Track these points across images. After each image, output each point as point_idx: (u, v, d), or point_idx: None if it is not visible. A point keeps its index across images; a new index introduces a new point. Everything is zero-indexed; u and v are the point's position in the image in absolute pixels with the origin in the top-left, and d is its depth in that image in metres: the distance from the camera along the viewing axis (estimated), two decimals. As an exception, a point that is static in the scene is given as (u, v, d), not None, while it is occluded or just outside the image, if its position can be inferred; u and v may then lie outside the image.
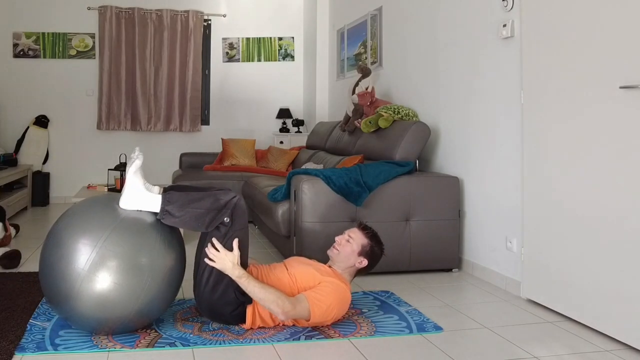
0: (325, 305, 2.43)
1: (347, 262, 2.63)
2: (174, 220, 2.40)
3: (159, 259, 2.33)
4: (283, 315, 2.38)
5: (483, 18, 3.48)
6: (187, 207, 2.40)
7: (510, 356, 2.28)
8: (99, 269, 2.22)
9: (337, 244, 2.66)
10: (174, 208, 2.39)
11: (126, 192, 2.42)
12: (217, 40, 7.05)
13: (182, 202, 2.40)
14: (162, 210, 2.39)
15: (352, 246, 2.62)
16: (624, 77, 2.37)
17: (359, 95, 4.52)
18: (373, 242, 2.65)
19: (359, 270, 2.66)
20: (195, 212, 2.40)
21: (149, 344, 2.32)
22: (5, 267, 3.52)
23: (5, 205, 4.69)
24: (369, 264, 2.64)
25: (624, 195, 2.38)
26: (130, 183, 2.43)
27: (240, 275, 2.37)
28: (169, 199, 2.41)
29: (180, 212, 2.39)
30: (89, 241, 2.24)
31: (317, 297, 2.44)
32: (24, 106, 6.58)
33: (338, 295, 2.49)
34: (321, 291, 2.46)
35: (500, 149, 3.32)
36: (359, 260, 2.62)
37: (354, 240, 2.63)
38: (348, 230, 2.72)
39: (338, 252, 2.64)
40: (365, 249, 2.62)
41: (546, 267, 2.84)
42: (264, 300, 2.36)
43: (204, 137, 6.98)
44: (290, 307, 2.36)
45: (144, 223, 2.37)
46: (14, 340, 2.30)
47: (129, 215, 2.37)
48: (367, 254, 2.63)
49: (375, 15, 5.17)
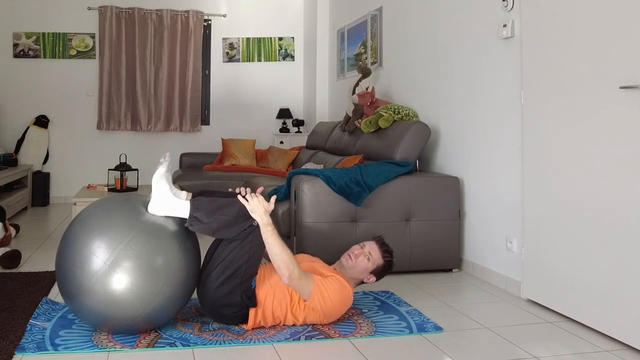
0: (327, 295, 2.46)
1: (358, 276, 2.65)
2: (202, 227, 2.40)
3: (177, 268, 2.33)
4: (288, 279, 2.40)
5: (483, 18, 3.48)
6: (215, 214, 2.40)
7: (510, 356, 2.28)
8: (119, 267, 2.22)
9: (355, 256, 2.64)
10: (203, 215, 2.39)
11: (154, 198, 2.42)
12: (217, 40, 7.05)
13: (211, 209, 2.41)
14: (191, 217, 2.40)
15: (369, 264, 2.63)
16: (624, 77, 2.37)
17: (359, 95, 4.52)
18: (387, 264, 2.67)
19: (363, 282, 2.69)
20: (223, 219, 2.40)
21: (149, 344, 2.32)
22: (5, 267, 3.52)
23: (5, 205, 4.70)
24: (375, 280, 2.68)
25: (624, 195, 2.38)
26: (157, 189, 2.43)
27: (268, 223, 2.41)
28: (197, 206, 2.41)
29: (209, 219, 2.39)
30: (114, 238, 2.25)
31: (323, 284, 2.47)
32: (24, 106, 6.58)
33: (341, 294, 2.51)
34: (328, 282, 2.50)
35: (500, 149, 3.32)
36: (368, 277, 2.65)
37: (372, 258, 2.64)
38: (368, 243, 2.70)
39: (353, 263, 2.63)
40: (378, 269, 2.66)
41: (546, 267, 2.84)
42: (279, 256, 2.39)
43: (204, 137, 6.98)
44: (297, 275, 2.40)
45: (168, 229, 2.38)
46: (14, 340, 2.30)
47: (156, 219, 2.38)
48: (377, 273, 2.66)
49: (376, 15, 5.18)
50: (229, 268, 2.41)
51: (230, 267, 2.41)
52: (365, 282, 2.67)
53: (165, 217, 2.42)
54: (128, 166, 4.68)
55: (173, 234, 2.38)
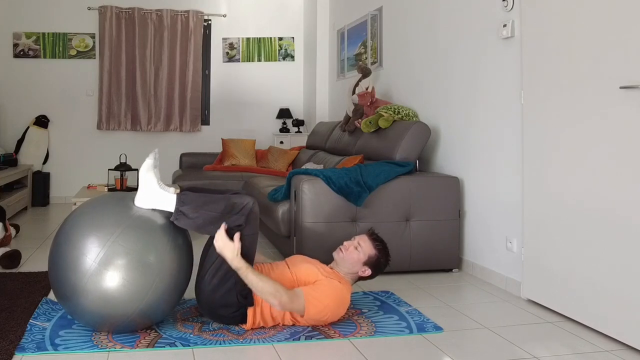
0: (322, 305, 2.44)
1: (351, 269, 2.63)
2: (188, 221, 2.39)
3: (168, 261, 2.33)
4: (280, 307, 2.39)
5: (483, 18, 3.48)
6: (201, 209, 2.38)
7: (510, 356, 2.28)
8: (109, 265, 2.22)
9: (344, 248, 2.64)
10: (189, 209, 2.38)
11: (140, 190, 2.41)
12: (217, 40, 7.05)
13: (197, 204, 2.39)
14: (177, 211, 2.38)
15: (359, 254, 2.61)
16: (624, 77, 2.37)
17: (359, 95, 4.52)
18: (380, 254, 2.64)
19: (361, 277, 2.66)
20: (209, 215, 2.38)
21: (149, 344, 2.32)
22: (5, 267, 3.52)
23: (5, 205, 4.69)
24: (372, 273, 2.65)
25: (624, 196, 2.37)
26: (144, 181, 2.42)
27: (239, 267, 2.37)
28: (184, 200, 2.39)
29: (195, 214, 2.38)
30: (102, 236, 2.25)
31: (314, 295, 2.44)
32: (24, 106, 6.58)
33: (335, 296, 2.49)
34: (318, 290, 2.46)
35: (500, 149, 3.32)
36: (362, 269, 2.62)
37: (362, 249, 2.62)
38: (358, 236, 2.69)
39: (343, 255, 2.62)
40: (371, 260, 2.62)
41: (546, 267, 2.84)
42: (262, 291, 2.36)
43: (204, 137, 6.98)
44: (287, 300, 2.37)
45: (156, 223, 2.37)
46: (14, 340, 2.30)
47: (143, 214, 2.37)
48: (372, 265, 2.62)
49: (376, 15, 5.18)
50: (221, 269, 2.41)
51: (222, 267, 2.40)
52: (362, 275, 2.63)
53: (152, 210, 2.41)
54: (128, 166, 4.68)
55: (162, 228, 2.37)
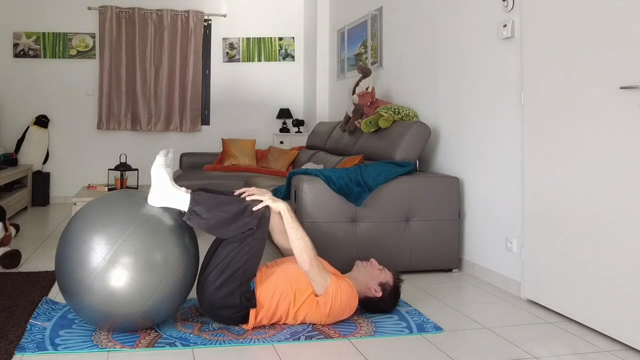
0: (339, 294, 2.48)
1: (367, 281, 2.68)
2: (200, 222, 2.38)
3: (176, 262, 2.33)
4: (309, 265, 2.41)
5: (483, 18, 3.48)
6: (215, 210, 2.38)
7: (510, 356, 2.28)
8: (118, 263, 2.22)
9: (371, 263, 2.75)
10: (202, 209, 2.37)
11: (154, 188, 2.40)
12: (218, 40, 7.05)
13: (211, 205, 2.38)
14: (190, 211, 2.37)
15: (381, 274, 2.70)
16: (624, 77, 2.37)
17: (359, 95, 4.52)
18: (394, 290, 2.71)
19: (368, 298, 2.68)
20: (222, 216, 2.38)
21: (149, 344, 2.32)
22: (5, 267, 3.52)
23: (5, 205, 4.69)
24: (378, 300, 2.67)
25: (624, 196, 2.37)
26: (157, 178, 2.41)
27: (286, 210, 2.47)
28: (198, 200, 2.39)
29: (208, 214, 2.37)
30: (113, 233, 2.24)
31: (338, 282, 2.51)
32: (24, 106, 6.59)
33: (350, 296, 2.54)
34: (342, 283, 2.53)
35: (500, 150, 3.32)
36: (375, 288, 2.67)
37: (385, 273, 2.72)
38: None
39: (366, 265, 2.73)
40: (387, 286, 2.69)
41: (546, 267, 2.84)
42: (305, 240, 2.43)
43: (204, 137, 6.99)
44: (317, 264, 2.43)
45: (168, 224, 2.37)
46: (14, 340, 2.30)
47: (155, 213, 2.36)
48: (384, 291, 2.68)
49: (376, 15, 5.18)
50: (227, 270, 2.40)
51: (228, 269, 2.40)
52: (370, 295, 2.67)
53: (163, 210, 2.40)
54: (128, 166, 4.69)
55: (171, 229, 2.36)
